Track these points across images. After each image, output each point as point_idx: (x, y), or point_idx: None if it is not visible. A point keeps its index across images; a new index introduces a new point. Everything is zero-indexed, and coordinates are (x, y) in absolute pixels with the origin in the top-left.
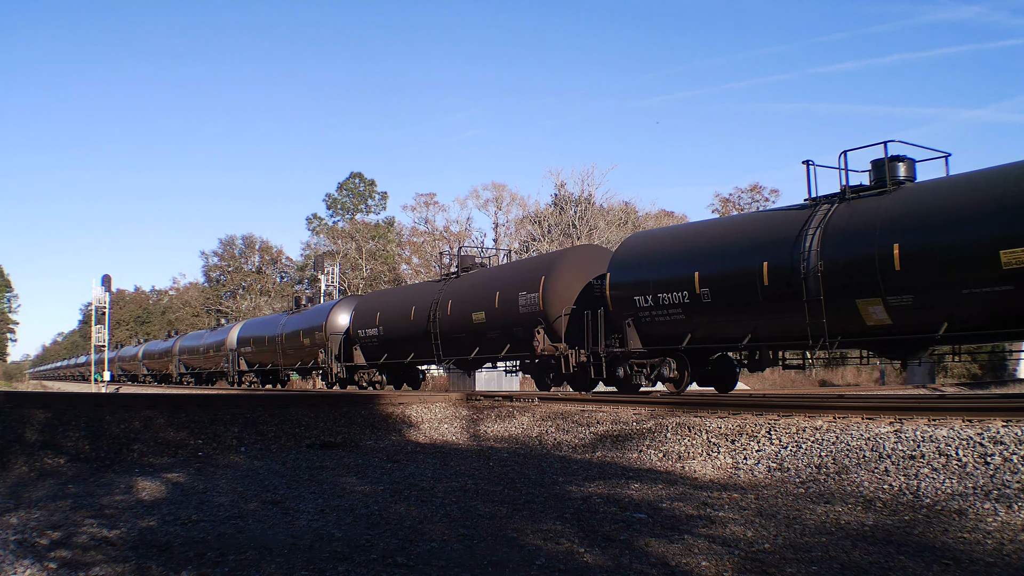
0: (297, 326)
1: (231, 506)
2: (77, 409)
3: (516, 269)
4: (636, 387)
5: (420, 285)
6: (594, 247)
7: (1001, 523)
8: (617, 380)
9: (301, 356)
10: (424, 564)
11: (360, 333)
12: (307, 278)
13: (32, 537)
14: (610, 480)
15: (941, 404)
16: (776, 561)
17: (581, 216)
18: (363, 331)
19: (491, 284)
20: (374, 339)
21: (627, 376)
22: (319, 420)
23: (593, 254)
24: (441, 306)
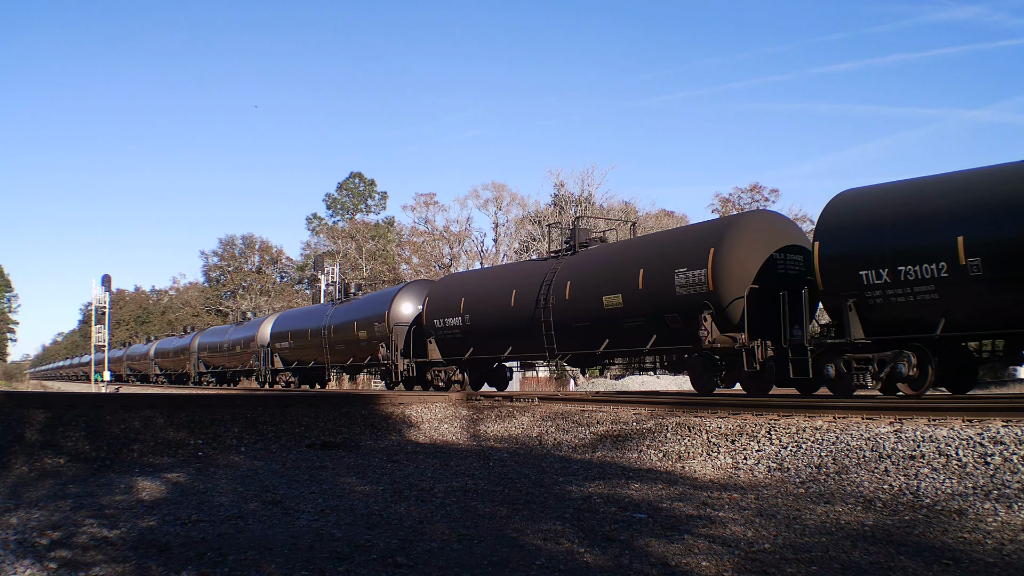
0: (349, 317)
1: (231, 506)
2: (77, 409)
3: (671, 240)
4: (852, 389)
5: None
6: (771, 214)
7: (1001, 523)
8: (827, 380)
9: (354, 352)
10: (424, 564)
11: (437, 323)
12: (307, 278)
13: (32, 537)
14: (610, 480)
15: (941, 404)
16: (776, 561)
17: (581, 216)
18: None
19: (631, 260)
20: (456, 330)
21: (841, 375)
22: (319, 420)
23: (773, 222)
24: (556, 289)
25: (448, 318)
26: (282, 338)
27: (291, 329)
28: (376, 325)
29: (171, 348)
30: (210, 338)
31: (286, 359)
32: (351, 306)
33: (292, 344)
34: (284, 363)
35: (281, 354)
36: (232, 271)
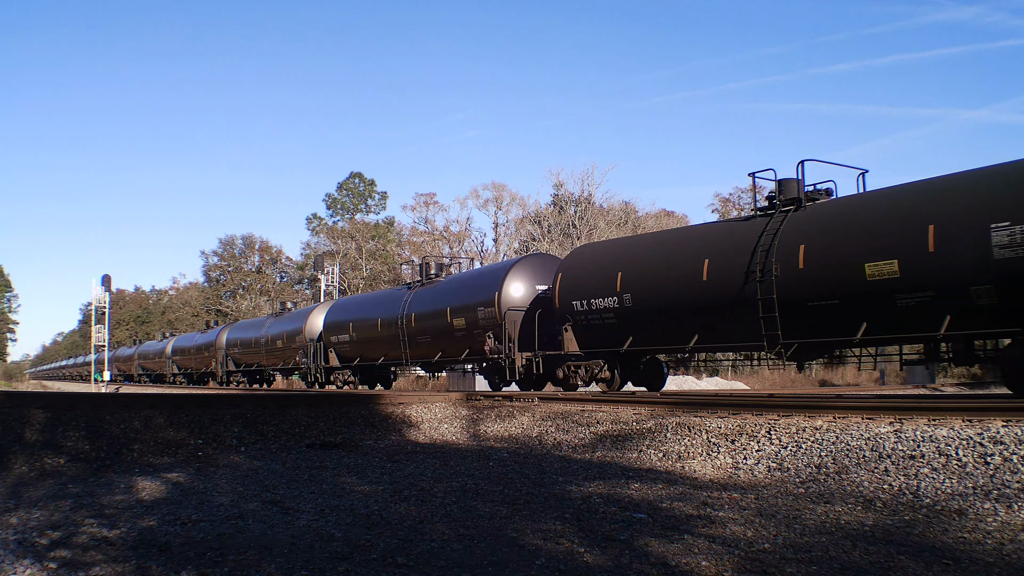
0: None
1: (231, 506)
2: (77, 409)
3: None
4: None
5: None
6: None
7: (1001, 523)
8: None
9: (283, 357)
10: (424, 564)
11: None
12: (307, 278)
13: (32, 537)
14: (610, 480)
15: (941, 404)
16: (776, 561)
17: (581, 216)
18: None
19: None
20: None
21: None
22: (319, 420)
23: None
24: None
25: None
26: (340, 330)
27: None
28: (480, 310)
29: (193, 345)
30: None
31: (345, 355)
32: (438, 289)
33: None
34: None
35: (338, 349)
36: (232, 271)
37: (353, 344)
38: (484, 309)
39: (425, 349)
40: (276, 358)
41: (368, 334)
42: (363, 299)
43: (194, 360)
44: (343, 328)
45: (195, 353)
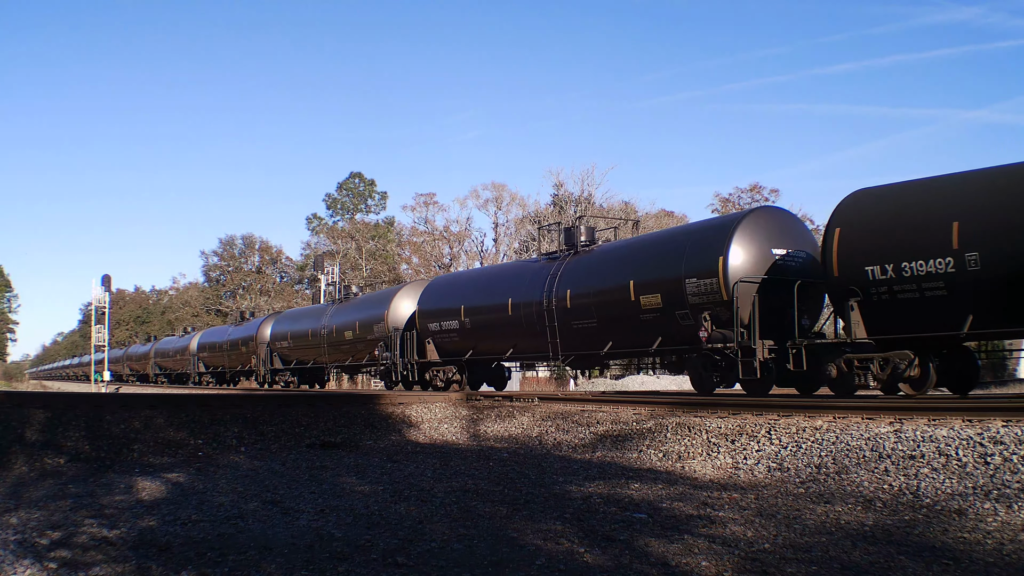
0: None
1: (231, 506)
2: (77, 409)
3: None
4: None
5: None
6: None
7: (1001, 523)
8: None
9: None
10: (424, 564)
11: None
12: (307, 278)
13: (32, 537)
14: (610, 480)
15: (941, 404)
16: (776, 561)
17: (581, 216)
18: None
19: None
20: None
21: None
22: (319, 420)
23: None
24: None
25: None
26: (282, 338)
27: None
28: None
29: (171, 348)
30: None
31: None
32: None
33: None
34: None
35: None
36: (232, 271)
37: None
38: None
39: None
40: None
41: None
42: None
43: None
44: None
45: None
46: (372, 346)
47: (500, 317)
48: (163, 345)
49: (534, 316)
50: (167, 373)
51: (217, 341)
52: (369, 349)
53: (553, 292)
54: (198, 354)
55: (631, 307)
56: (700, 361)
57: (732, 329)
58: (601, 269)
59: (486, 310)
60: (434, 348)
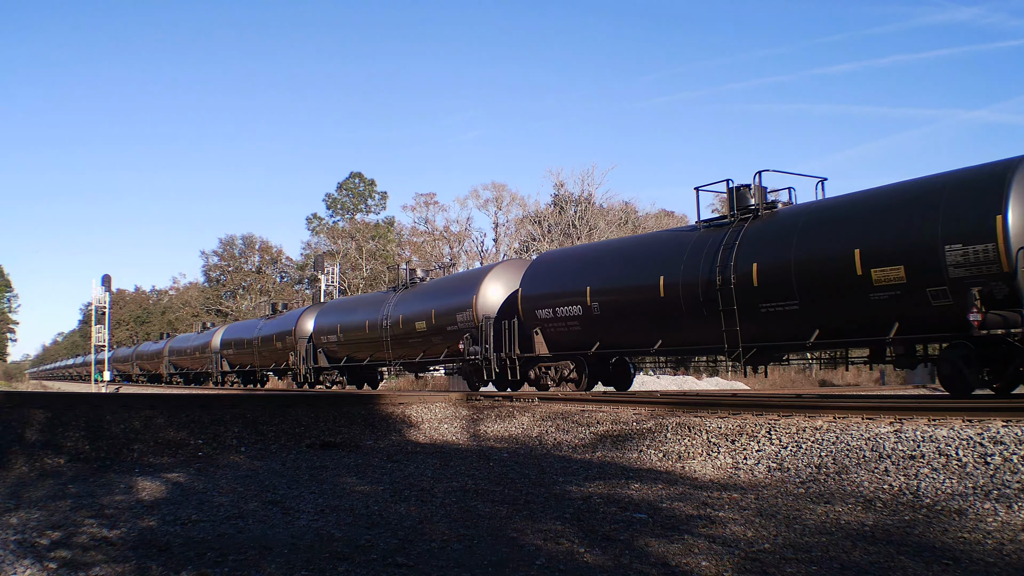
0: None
1: (231, 506)
2: (77, 409)
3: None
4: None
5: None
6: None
7: (1001, 523)
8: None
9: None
10: (424, 564)
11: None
12: (307, 278)
13: (32, 537)
14: (610, 480)
15: (941, 404)
16: (776, 561)
17: (581, 216)
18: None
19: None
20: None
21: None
22: (319, 420)
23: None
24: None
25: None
26: (228, 346)
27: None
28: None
29: (189, 346)
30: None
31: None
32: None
33: (235, 351)
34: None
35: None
36: (232, 271)
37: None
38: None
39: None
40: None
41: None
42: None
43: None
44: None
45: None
46: (454, 339)
47: (645, 300)
48: (179, 343)
49: (699, 298)
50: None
51: (245, 337)
52: (450, 342)
53: (729, 267)
54: (221, 351)
55: (856, 283)
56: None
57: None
58: (803, 235)
59: (623, 292)
60: (543, 340)
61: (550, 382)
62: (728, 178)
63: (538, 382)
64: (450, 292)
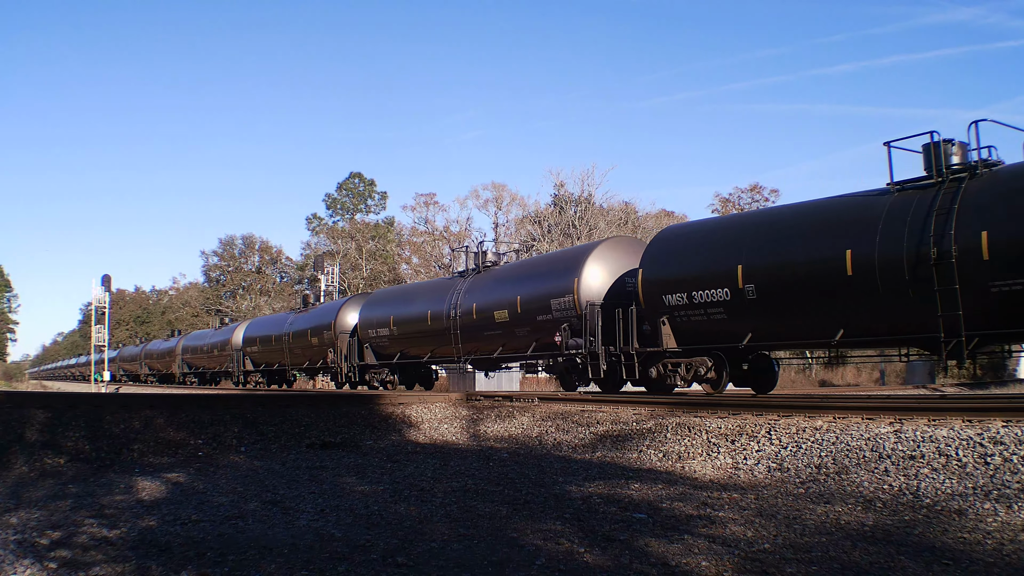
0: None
1: (231, 506)
2: (77, 409)
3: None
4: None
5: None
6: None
7: (1001, 523)
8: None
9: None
10: (424, 564)
11: (371, 332)
12: (307, 278)
13: (32, 537)
14: (610, 480)
15: (941, 404)
16: (776, 561)
17: (581, 216)
18: (374, 330)
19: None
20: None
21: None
22: (319, 420)
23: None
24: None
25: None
26: (252, 342)
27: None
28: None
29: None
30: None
31: (256, 361)
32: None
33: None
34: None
35: (252, 357)
36: (232, 271)
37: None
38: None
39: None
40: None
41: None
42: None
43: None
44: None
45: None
46: (547, 331)
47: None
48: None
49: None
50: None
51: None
52: (540, 335)
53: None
54: (244, 348)
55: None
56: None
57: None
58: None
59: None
60: (671, 331)
61: (679, 382)
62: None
63: (661, 382)
64: (542, 275)
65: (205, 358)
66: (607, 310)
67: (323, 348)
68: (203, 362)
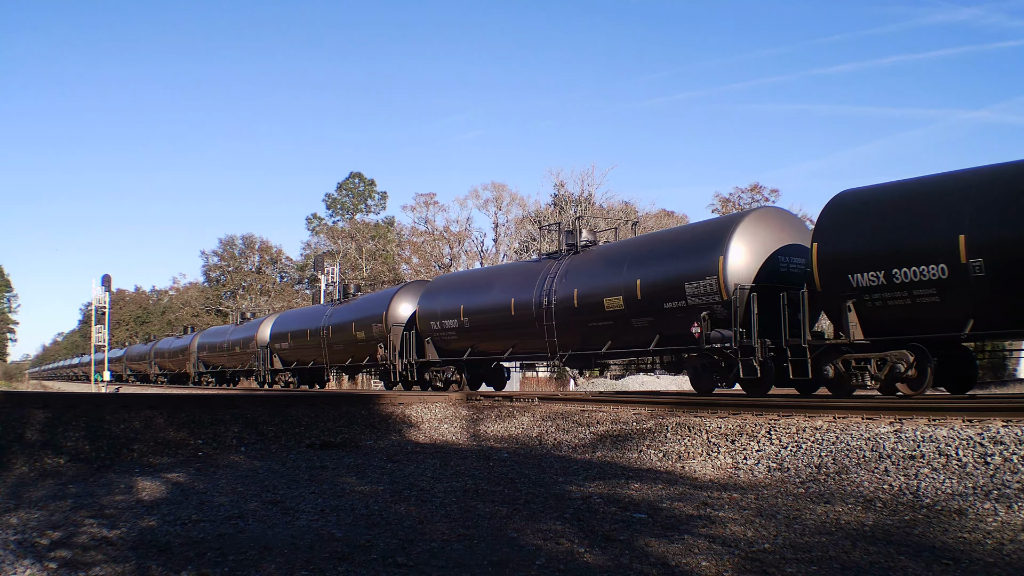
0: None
1: (231, 506)
2: (77, 409)
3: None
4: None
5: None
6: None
7: (1001, 523)
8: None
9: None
10: (424, 564)
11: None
12: (307, 278)
13: (32, 537)
14: (610, 480)
15: (941, 404)
16: (776, 561)
17: (581, 216)
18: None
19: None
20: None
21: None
22: (319, 420)
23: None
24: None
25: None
26: (281, 338)
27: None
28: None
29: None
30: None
31: (285, 359)
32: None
33: (291, 344)
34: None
35: (280, 354)
36: (232, 271)
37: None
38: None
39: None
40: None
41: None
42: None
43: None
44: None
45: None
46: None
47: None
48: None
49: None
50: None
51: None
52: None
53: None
54: (272, 345)
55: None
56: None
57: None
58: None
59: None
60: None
61: (869, 381)
62: None
63: (841, 382)
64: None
65: (225, 356)
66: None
67: (370, 343)
68: (222, 360)
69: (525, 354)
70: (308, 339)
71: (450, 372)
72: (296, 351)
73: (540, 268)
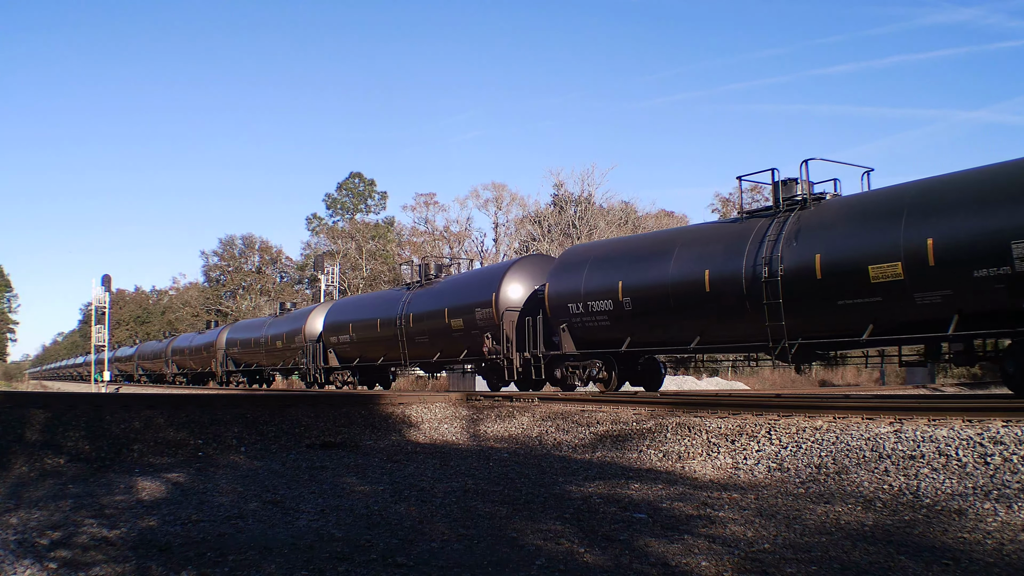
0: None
1: (231, 506)
2: (77, 409)
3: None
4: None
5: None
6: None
7: (1001, 523)
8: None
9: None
10: (424, 564)
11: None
12: (307, 278)
13: (32, 537)
14: (610, 480)
15: (941, 404)
16: (776, 561)
17: (581, 216)
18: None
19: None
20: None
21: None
22: (319, 420)
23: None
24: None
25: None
26: (339, 330)
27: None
28: (478, 311)
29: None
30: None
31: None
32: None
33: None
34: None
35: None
36: (232, 271)
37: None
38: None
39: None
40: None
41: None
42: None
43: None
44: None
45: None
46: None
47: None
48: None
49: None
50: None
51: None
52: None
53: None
54: (325, 338)
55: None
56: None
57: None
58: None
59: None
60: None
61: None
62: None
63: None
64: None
65: (262, 353)
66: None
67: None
68: (258, 358)
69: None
70: (379, 330)
71: (595, 368)
72: (360, 345)
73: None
